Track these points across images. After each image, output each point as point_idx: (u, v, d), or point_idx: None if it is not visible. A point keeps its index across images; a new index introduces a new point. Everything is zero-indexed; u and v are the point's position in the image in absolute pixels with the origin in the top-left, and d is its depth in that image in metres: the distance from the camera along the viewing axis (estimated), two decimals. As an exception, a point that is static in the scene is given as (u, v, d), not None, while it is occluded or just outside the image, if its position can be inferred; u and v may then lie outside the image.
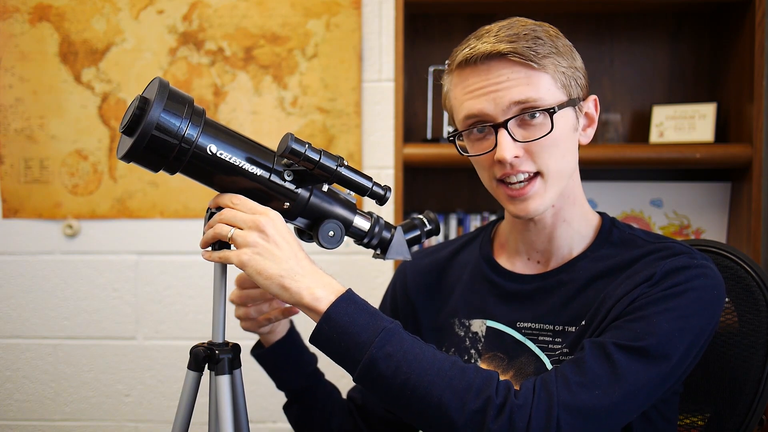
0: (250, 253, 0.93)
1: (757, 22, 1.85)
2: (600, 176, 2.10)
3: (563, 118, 1.05)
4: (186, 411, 1.02)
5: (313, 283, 0.95)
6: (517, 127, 1.04)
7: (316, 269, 0.97)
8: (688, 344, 0.97)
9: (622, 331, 0.97)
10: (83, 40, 2.21)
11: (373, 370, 0.92)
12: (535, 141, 1.03)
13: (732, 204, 2.05)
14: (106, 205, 2.23)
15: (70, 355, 2.27)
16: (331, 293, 0.95)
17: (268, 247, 0.94)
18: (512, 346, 1.11)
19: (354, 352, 0.93)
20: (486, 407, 0.89)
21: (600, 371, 0.93)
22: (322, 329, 0.94)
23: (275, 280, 0.93)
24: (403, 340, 0.93)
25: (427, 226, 1.15)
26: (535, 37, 1.03)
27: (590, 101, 1.11)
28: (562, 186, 1.08)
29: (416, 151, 1.96)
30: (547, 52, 1.03)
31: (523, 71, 1.02)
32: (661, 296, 0.98)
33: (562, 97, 1.05)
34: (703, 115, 1.99)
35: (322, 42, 2.18)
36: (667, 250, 1.05)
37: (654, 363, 0.95)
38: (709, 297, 1.00)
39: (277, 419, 2.21)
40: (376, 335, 0.92)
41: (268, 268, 0.93)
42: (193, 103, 0.95)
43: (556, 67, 1.04)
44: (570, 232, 1.13)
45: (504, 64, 1.03)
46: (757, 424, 1.19)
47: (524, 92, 1.02)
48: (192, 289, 2.24)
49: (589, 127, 1.11)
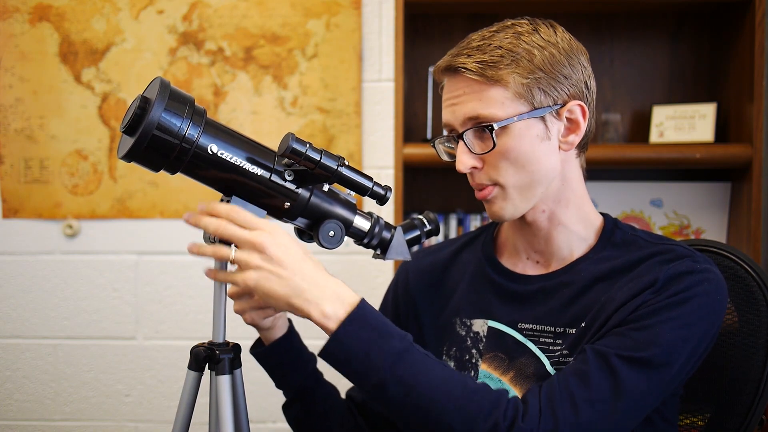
0: (256, 277, 0.93)
1: (757, 22, 1.85)
2: (600, 176, 2.10)
3: (525, 129, 1.04)
4: (186, 411, 1.02)
5: (322, 299, 0.94)
6: (475, 138, 1.06)
7: (323, 280, 0.96)
8: (689, 351, 0.98)
9: (624, 340, 0.97)
10: (83, 40, 2.21)
11: (383, 393, 0.93)
12: (489, 153, 1.05)
13: (732, 204, 2.05)
14: (106, 205, 2.23)
15: (70, 355, 2.27)
16: (341, 308, 0.95)
17: (272, 269, 0.93)
18: (513, 346, 1.11)
19: (364, 375, 0.94)
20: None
21: (604, 385, 0.94)
22: (332, 349, 0.94)
23: (283, 301, 0.94)
24: (414, 362, 0.94)
25: (426, 227, 1.15)
26: (496, 48, 1.03)
27: (573, 106, 1.07)
28: (534, 194, 1.07)
29: (416, 151, 1.96)
30: (506, 63, 1.02)
31: (477, 85, 1.04)
32: (665, 305, 0.98)
33: (521, 108, 1.04)
34: (703, 115, 1.99)
35: (322, 42, 2.18)
36: (670, 253, 1.05)
37: (656, 372, 0.96)
38: (712, 303, 1.01)
39: (277, 419, 2.21)
40: (386, 359, 0.93)
41: (275, 290, 0.93)
42: (194, 103, 0.95)
43: (516, 78, 1.03)
44: (567, 235, 1.13)
45: (460, 78, 1.06)
46: (757, 424, 1.19)
47: (475, 108, 1.04)
48: (192, 289, 2.24)
49: (573, 134, 1.08)
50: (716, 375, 1.22)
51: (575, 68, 1.07)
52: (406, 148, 1.94)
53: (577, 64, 1.07)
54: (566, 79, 1.05)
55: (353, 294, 0.97)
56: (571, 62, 1.06)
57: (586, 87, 1.09)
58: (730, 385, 1.20)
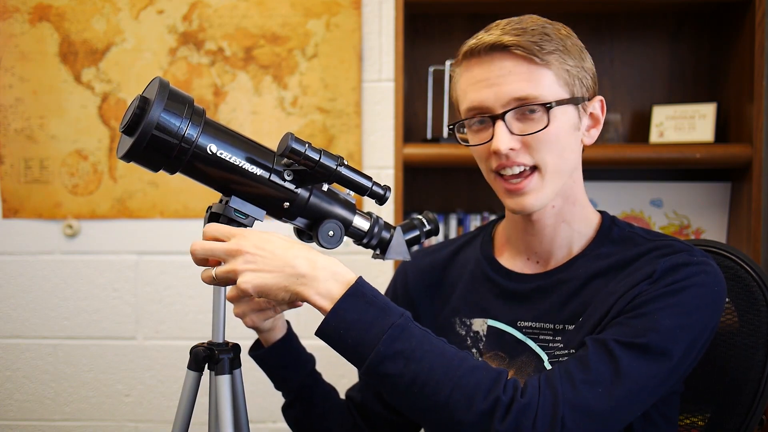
0: (246, 279, 0.92)
1: (757, 22, 1.85)
2: (600, 176, 2.10)
3: (563, 115, 1.05)
4: (186, 411, 1.02)
5: (317, 279, 0.93)
6: (515, 120, 1.04)
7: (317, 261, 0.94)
8: (690, 341, 0.97)
9: (623, 328, 0.97)
10: (83, 40, 2.21)
11: (380, 368, 0.91)
12: (532, 135, 1.03)
13: (732, 204, 2.05)
14: (106, 205, 2.23)
15: (70, 355, 2.27)
16: (338, 286, 0.93)
17: (257, 266, 0.92)
18: (513, 345, 1.11)
19: (361, 349, 0.92)
20: (494, 408, 0.89)
21: (603, 368, 0.93)
22: (328, 323, 0.92)
23: (281, 290, 0.93)
24: (412, 336, 0.92)
25: (426, 227, 1.15)
26: (542, 33, 1.04)
27: (596, 102, 1.10)
28: (560, 183, 1.08)
29: (416, 151, 1.96)
30: (552, 48, 1.03)
31: (525, 66, 1.03)
32: (662, 293, 0.98)
33: (564, 95, 1.05)
34: (703, 115, 1.99)
35: (322, 42, 2.18)
36: (667, 248, 1.05)
37: (656, 359, 0.95)
38: (710, 294, 1.00)
39: (277, 419, 2.21)
40: (384, 332, 0.91)
41: (269, 284, 0.92)
42: (194, 103, 0.95)
43: (560, 64, 1.04)
44: (570, 233, 1.13)
45: (507, 57, 1.03)
46: (757, 424, 1.19)
47: (524, 88, 1.02)
48: (192, 289, 2.24)
49: (594, 128, 1.11)
50: (716, 375, 1.22)
51: (592, 66, 1.10)
52: (406, 148, 1.94)
53: (590, 61, 1.10)
54: (588, 72, 1.08)
55: (349, 272, 0.95)
56: (589, 59, 1.10)
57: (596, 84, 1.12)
58: (730, 385, 1.20)
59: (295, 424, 1.24)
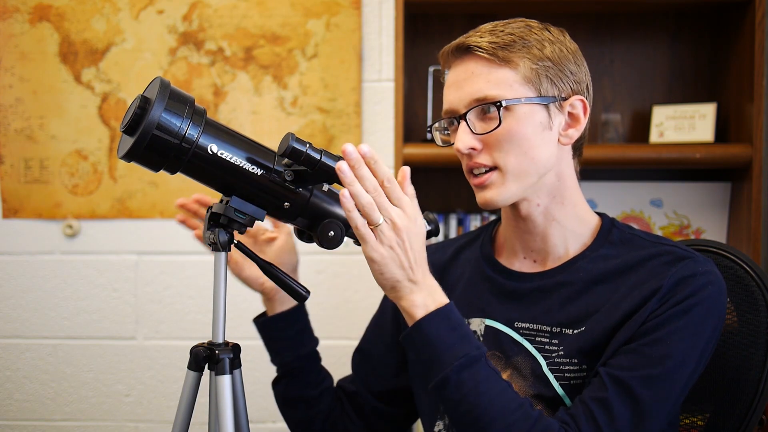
0: (383, 254, 0.95)
1: (757, 22, 1.85)
2: (600, 176, 2.10)
3: (527, 114, 1.05)
4: (186, 411, 1.02)
5: (418, 290, 0.98)
6: (477, 119, 1.07)
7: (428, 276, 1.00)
8: (698, 357, 1.01)
9: (637, 357, 0.99)
10: (83, 40, 2.21)
11: (443, 390, 0.97)
12: (490, 134, 1.05)
13: (732, 204, 2.05)
14: (106, 205, 2.23)
15: (70, 355, 2.27)
16: (432, 302, 0.98)
17: (400, 253, 0.96)
18: (509, 345, 1.11)
19: (432, 367, 0.97)
20: None
21: (626, 413, 0.97)
22: (412, 335, 0.98)
23: (390, 282, 0.97)
24: (479, 371, 0.97)
25: (426, 227, 1.15)
26: (513, 35, 1.05)
27: (575, 101, 1.08)
28: (529, 182, 1.08)
29: (416, 151, 1.96)
30: (517, 48, 1.05)
31: (486, 66, 1.05)
32: (673, 314, 1.00)
33: (528, 93, 1.05)
34: (703, 115, 1.99)
35: (322, 42, 2.18)
36: (669, 255, 1.06)
37: (672, 384, 0.99)
38: (716, 306, 1.02)
39: (277, 419, 2.21)
40: (456, 359, 0.96)
41: (392, 272, 0.96)
42: (194, 102, 0.96)
43: (525, 63, 1.05)
44: (563, 232, 1.13)
45: (470, 59, 1.07)
46: (757, 424, 1.19)
47: (483, 89, 1.05)
48: (192, 289, 2.24)
49: (572, 128, 1.09)
50: (716, 375, 1.22)
51: (580, 68, 1.10)
52: (406, 148, 1.94)
53: (582, 66, 1.11)
54: (572, 75, 1.08)
55: (445, 297, 1.01)
56: (577, 61, 1.10)
57: (587, 89, 1.12)
58: (729, 385, 1.20)
59: (282, 400, 1.27)
